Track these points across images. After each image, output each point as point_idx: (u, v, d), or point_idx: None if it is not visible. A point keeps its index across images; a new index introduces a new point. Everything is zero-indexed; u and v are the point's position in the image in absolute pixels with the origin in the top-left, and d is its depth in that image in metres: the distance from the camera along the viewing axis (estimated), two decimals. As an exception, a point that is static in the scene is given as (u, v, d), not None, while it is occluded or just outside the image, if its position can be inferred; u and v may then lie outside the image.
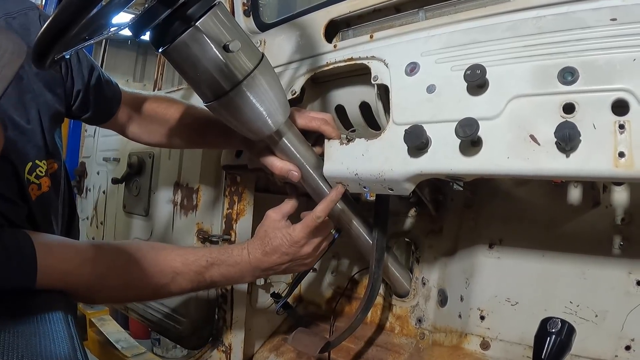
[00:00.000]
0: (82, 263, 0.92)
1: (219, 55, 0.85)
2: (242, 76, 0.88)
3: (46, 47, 0.70)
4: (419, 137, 0.84)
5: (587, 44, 0.77)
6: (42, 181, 1.00)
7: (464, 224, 1.22)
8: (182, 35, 0.81)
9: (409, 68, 0.96)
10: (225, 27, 0.86)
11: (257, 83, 0.91)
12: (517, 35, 0.85)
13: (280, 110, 0.97)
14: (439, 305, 1.29)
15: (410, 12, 1.10)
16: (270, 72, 0.96)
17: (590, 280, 1.02)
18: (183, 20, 0.81)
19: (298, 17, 1.29)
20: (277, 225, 1.06)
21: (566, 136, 0.71)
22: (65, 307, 0.89)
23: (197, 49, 0.83)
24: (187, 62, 0.86)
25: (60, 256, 0.91)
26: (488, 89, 0.84)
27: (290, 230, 1.03)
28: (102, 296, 0.98)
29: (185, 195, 1.57)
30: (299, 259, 1.06)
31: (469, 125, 0.77)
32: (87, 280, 0.92)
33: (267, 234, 1.05)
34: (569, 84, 0.77)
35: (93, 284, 0.93)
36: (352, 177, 0.98)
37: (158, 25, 0.80)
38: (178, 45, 0.82)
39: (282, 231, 1.04)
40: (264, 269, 1.06)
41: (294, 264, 1.07)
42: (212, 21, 0.84)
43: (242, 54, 0.88)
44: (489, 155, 0.80)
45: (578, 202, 1.02)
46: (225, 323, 1.49)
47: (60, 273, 0.89)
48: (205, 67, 0.86)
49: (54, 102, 1.03)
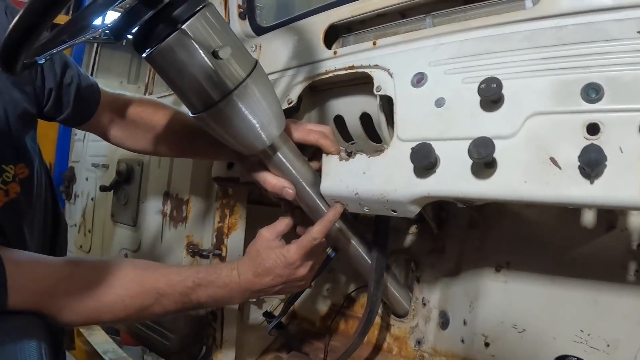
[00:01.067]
0: (56, 282, 0.85)
1: (207, 62, 0.77)
2: (233, 85, 0.81)
3: (14, 51, 0.62)
4: (427, 157, 0.76)
5: (612, 59, 0.71)
6: (9, 187, 0.92)
7: (468, 244, 1.15)
8: (166, 39, 0.74)
9: (415, 79, 0.89)
10: (215, 30, 0.79)
11: (250, 93, 0.83)
12: (536, 46, 0.78)
13: (274, 122, 0.90)
14: (439, 328, 1.22)
15: (417, 18, 1.03)
16: (264, 80, 0.89)
17: (603, 308, 0.95)
18: (168, 22, 0.73)
19: (296, 20, 1.22)
20: (270, 245, 0.98)
21: (592, 161, 0.64)
22: (40, 333, 0.82)
23: (184, 54, 0.76)
24: (173, 69, 0.79)
25: (33, 275, 0.84)
26: (503, 105, 0.77)
27: (285, 251, 0.96)
28: (78, 318, 0.91)
29: (175, 207, 1.49)
30: (293, 281, 0.99)
31: (484, 146, 0.70)
32: (62, 300, 0.85)
33: (260, 254, 0.98)
34: (594, 102, 0.70)
35: (69, 305, 0.86)
36: (352, 197, 0.91)
37: (140, 28, 0.73)
38: (162, 50, 0.75)
39: (276, 251, 0.97)
40: (255, 291, 0.99)
41: (287, 286, 1.00)
42: (200, 24, 0.76)
43: (233, 61, 0.81)
44: (504, 179, 0.73)
45: (592, 225, 0.96)
46: (215, 342, 1.41)
47: (32, 293, 0.82)
48: (193, 75, 0.78)
49: (22, 101, 0.95)
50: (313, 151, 1.04)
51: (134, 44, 0.78)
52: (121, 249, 1.71)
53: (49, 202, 1.22)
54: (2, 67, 0.67)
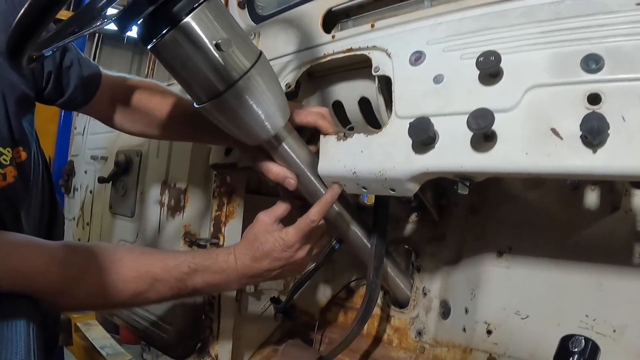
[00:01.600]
0: (49, 265, 0.84)
1: (212, 52, 0.77)
2: (237, 75, 0.80)
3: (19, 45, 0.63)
4: (426, 131, 0.75)
5: (612, 30, 0.70)
6: (6, 170, 0.91)
7: (469, 230, 1.13)
8: (170, 31, 0.74)
9: (413, 57, 0.88)
10: (219, 22, 0.78)
11: (254, 83, 0.83)
12: (533, 20, 0.78)
13: (279, 113, 0.89)
14: (440, 318, 1.20)
15: (415, 1, 1.02)
16: (269, 71, 0.88)
17: (608, 292, 0.93)
18: (172, 14, 0.73)
19: (294, 7, 1.21)
20: (268, 229, 0.97)
21: (594, 128, 0.63)
22: (30, 314, 0.81)
23: (188, 45, 0.76)
24: (177, 60, 0.79)
25: (26, 257, 0.82)
26: (502, 79, 0.76)
27: (283, 234, 0.94)
28: (72, 302, 0.89)
29: (173, 196, 1.48)
30: (291, 265, 0.97)
31: (483, 117, 0.69)
32: (55, 284, 0.84)
33: (257, 237, 0.96)
34: (594, 72, 0.69)
35: (62, 289, 0.85)
36: (350, 176, 0.89)
37: (145, 20, 0.72)
38: (166, 42, 0.75)
39: (274, 235, 0.95)
40: (252, 276, 0.97)
41: (285, 270, 0.98)
42: (204, 15, 0.76)
43: (237, 52, 0.80)
44: (504, 151, 0.71)
45: (595, 207, 0.94)
46: (212, 332, 1.39)
47: (25, 275, 0.81)
48: (197, 66, 0.78)
49: (20, 83, 0.94)
50: (311, 133, 1.03)
51: (139, 36, 0.77)
52: (119, 241, 1.69)
53: (47, 191, 1.21)
54: (9, 61, 0.67)
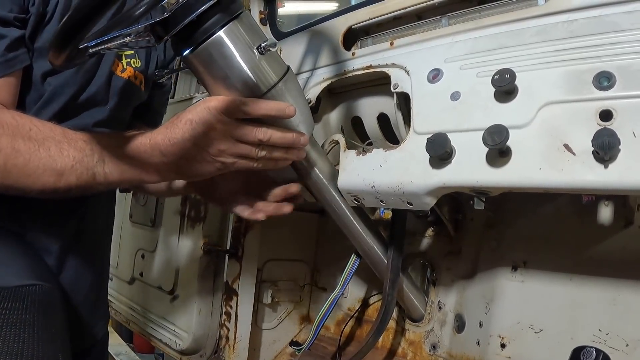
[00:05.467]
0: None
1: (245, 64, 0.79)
2: (265, 88, 0.81)
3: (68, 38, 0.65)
4: (443, 146, 0.78)
5: (623, 48, 0.73)
6: (137, 74, 1.10)
7: (484, 245, 1.15)
8: (211, 37, 0.76)
9: (431, 75, 0.92)
10: (254, 31, 0.82)
11: (281, 97, 0.84)
12: (547, 39, 0.81)
13: (303, 126, 0.89)
14: (455, 331, 1.21)
15: (433, 20, 1.06)
16: (296, 85, 0.89)
17: (622, 307, 0.94)
18: (214, 21, 0.76)
19: (315, 24, 1.26)
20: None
21: (605, 144, 0.65)
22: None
23: (227, 51, 0.78)
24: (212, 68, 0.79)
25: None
26: (517, 96, 0.79)
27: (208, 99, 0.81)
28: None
29: (194, 207, 1.52)
30: (204, 147, 0.80)
31: (498, 133, 0.72)
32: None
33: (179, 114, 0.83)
34: (606, 90, 0.72)
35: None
36: (369, 190, 0.92)
37: (186, 26, 0.74)
38: (208, 46, 0.77)
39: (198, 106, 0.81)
40: (163, 150, 0.81)
41: (198, 149, 0.81)
42: (242, 25, 0.79)
43: (266, 65, 0.82)
44: (519, 166, 0.74)
45: (609, 222, 0.94)
46: (228, 342, 1.41)
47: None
48: (229, 77, 0.79)
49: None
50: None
51: (175, 43, 0.79)
52: (138, 249, 1.73)
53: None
54: (53, 55, 0.69)
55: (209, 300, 1.50)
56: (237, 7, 0.79)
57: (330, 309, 1.20)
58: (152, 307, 1.67)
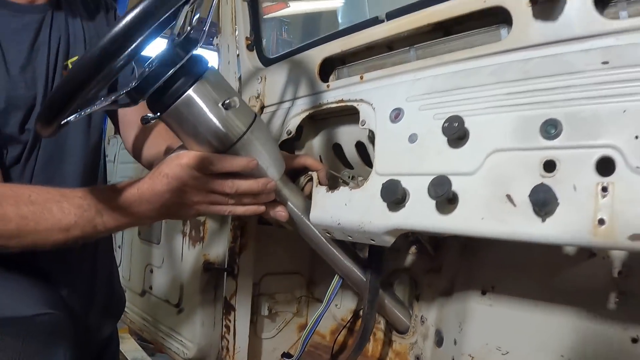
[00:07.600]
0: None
1: (213, 119, 0.86)
2: (235, 138, 0.88)
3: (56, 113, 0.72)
4: (394, 193, 0.82)
5: (574, 93, 0.71)
6: None
7: (460, 266, 1.18)
8: (180, 98, 0.83)
9: (393, 114, 0.94)
10: (220, 88, 0.88)
11: (250, 144, 0.91)
12: (501, 80, 0.80)
13: (274, 168, 0.96)
14: (436, 345, 1.25)
15: (402, 50, 1.08)
16: (264, 133, 0.95)
17: (584, 335, 0.95)
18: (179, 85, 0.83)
19: (297, 53, 1.29)
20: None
21: (540, 200, 0.67)
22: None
23: (194, 109, 0.84)
24: (185, 125, 0.86)
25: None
26: (468, 142, 0.80)
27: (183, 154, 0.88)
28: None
29: (194, 227, 1.60)
30: (180, 202, 0.90)
31: (441, 185, 0.75)
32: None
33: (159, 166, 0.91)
34: (552, 139, 0.71)
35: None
36: (336, 226, 0.97)
37: (156, 91, 0.81)
38: (177, 107, 0.84)
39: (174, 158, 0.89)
40: (147, 198, 0.89)
41: (177, 205, 0.91)
42: (206, 85, 0.85)
43: (234, 117, 0.88)
44: (464, 215, 0.76)
45: (574, 252, 0.97)
46: (228, 352, 1.50)
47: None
48: (200, 131, 0.86)
49: None
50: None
51: (150, 105, 0.86)
52: (147, 264, 1.84)
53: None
54: (40, 126, 0.76)
55: (211, 313, 1.59)
56: (202, 67, 0.85)
57: (316, 325, 1.26)
58: (161, 318, 1.77)
